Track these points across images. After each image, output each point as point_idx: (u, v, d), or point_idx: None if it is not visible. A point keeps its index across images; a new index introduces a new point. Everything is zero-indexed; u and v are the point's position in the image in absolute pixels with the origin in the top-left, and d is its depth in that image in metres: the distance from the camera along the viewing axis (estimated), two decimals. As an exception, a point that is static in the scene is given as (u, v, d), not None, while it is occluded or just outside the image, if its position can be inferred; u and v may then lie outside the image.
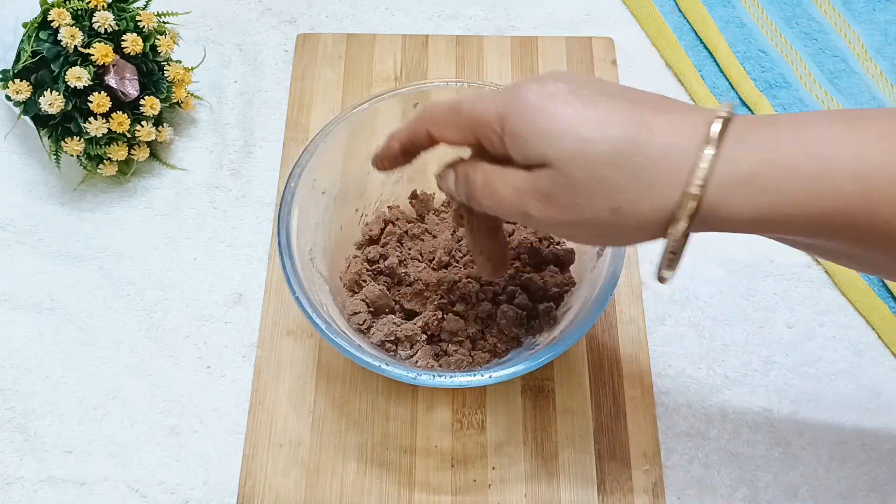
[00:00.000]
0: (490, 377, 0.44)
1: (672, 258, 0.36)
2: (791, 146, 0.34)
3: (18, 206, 0.61)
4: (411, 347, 0.51)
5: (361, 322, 0.51)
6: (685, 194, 0.34)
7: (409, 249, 0.56)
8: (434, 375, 0.44)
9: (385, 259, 0.54)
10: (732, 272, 0.59)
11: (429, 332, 0.52)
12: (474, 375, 0.44)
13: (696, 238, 0.60)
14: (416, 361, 0.50)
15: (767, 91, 0.66)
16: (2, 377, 0.55)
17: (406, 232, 0.56)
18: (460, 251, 0.55)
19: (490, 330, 0.52)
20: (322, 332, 0.45)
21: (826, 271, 0.59)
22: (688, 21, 0.71)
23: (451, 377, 0.44)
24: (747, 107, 0.66)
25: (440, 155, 0.58)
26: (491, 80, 0.66)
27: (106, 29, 0.57)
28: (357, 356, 0.44)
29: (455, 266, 0.55)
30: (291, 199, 0.49)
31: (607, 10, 0.71)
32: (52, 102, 0.55)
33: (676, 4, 0.72)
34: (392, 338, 0.50)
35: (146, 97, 0.59)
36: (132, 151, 0.60)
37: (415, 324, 0.52)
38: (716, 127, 0.34)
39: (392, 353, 0.51)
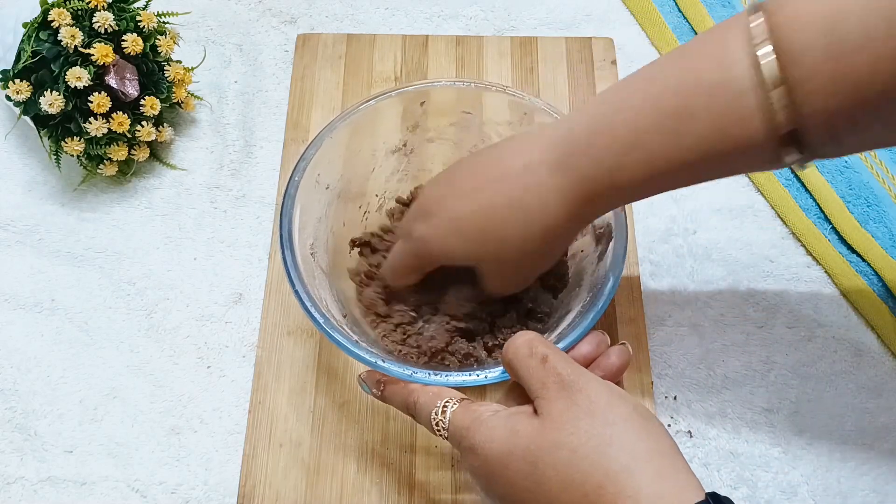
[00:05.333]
0: (486, 377, 0.44)
1: None
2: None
3: (19, 206, 0.61)
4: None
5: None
6: None
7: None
8: (430, 374, 0.44)
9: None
10: (732, 272, 0.59)
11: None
12: (469, 375, 0.44)
13: (697, 238, 0.60)
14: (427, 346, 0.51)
15: (767, 91, 0.66)
16: (2, 377, 0.55)
17: None
18: None
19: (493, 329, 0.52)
20: (320, 325, 0.45)
21: (826, 271, 0.59)
22: (687, 21, 0.71)
23: (446, 376, 0.44)
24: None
25: (444, 153, 0.58)
26: (491, 80, 0.66)
27: (106, 29, 0.57)
28: (353, 352, 0.44)
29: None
30: (295, 193, 0.49)
31: (607, 10, 0.71)
32: (52, 102, 0.55)
33: (676, 4, 0.72)
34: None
35: (146, 97, 0.59)
36: (132, 151, 0.60)
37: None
38: None
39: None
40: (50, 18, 0.56)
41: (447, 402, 0.42)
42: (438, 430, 0.41)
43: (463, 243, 0.46)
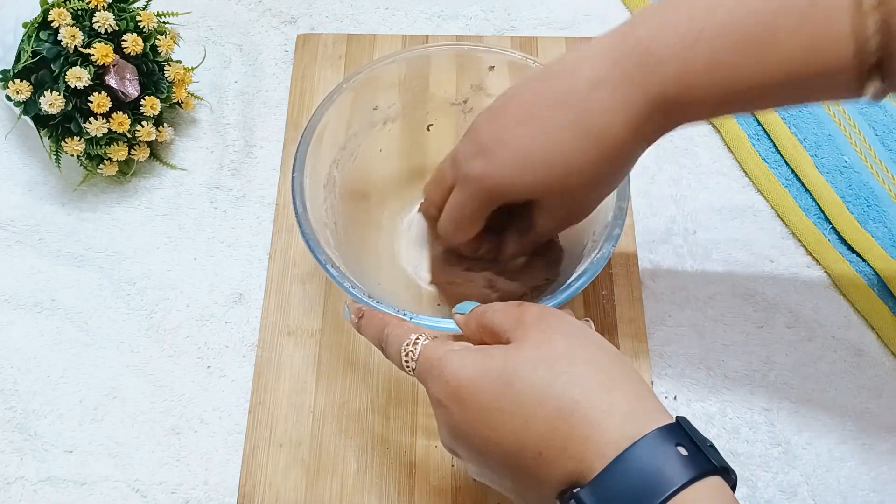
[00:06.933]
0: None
1: None
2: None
3: (19, 206, 0.61)
4: None
5: None
6: None
7: None
8: (410, 316, 0.44)
9: None
10: (732, 272, 0.59)
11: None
12: (448, 323, 0.44)
13: (697, 238, 0.60)
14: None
15: (767, 91, 0.66)
16: (2, 377, 0.55)
17: None
18: None
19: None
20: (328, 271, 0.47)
21: (826, 271, 0.59)
22: (688, 21, 0.71)
23: (420, 317, 0.44)
24: (747, 107, 0.66)
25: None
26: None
27: (106, 29, 0.57)
28: (340, 283, 0.46)
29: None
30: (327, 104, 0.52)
31: (607, 10, 0.71)
32: (52, 102, 0.55)
33: (676, 4, 0.71)
34: None
35: (146, 97, 0.59)
36: (132, 151, 0.60)
37: None
38: None
39: None
40: (50, 18, 0.56)
41: (419, 336, 0.42)
42: (407, 362, 0.41)
43: (527, 175, 0.44)
